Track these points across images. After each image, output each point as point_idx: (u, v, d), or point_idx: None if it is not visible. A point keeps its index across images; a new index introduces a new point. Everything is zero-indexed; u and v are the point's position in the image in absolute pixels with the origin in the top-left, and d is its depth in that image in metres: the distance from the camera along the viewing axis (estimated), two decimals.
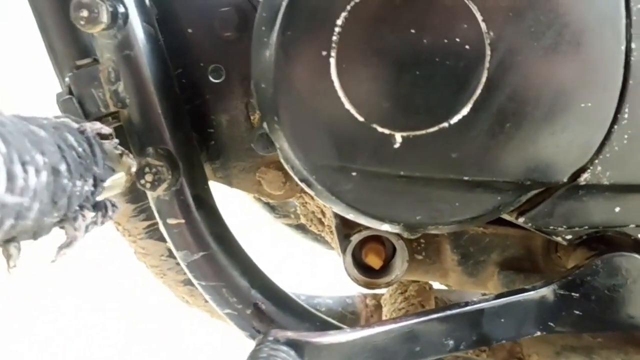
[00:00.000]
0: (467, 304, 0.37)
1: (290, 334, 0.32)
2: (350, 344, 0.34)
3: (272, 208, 0.77)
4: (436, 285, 0.63)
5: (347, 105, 0.33)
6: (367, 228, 0.46)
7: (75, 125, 0.34)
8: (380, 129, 0.33)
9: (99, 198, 0.38)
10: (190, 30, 0.47)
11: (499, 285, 0.48)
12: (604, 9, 0.32)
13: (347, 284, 0.50)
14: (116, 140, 0.46)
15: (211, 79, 0.48)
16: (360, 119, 0.33)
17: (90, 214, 0.35)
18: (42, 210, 0.27)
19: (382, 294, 0.65)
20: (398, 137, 0.33)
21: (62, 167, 0.29)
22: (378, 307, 0.66)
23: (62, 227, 0.33)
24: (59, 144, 0.30)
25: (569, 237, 0.39)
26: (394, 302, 0.57)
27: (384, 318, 0.60)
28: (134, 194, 0.53)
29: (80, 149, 0.32)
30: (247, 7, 0.46)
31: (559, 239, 0.39)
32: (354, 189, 0.35)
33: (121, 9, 0.40)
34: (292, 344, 0.31)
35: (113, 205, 0.39)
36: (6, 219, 0.25)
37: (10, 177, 0.24)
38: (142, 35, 0.42)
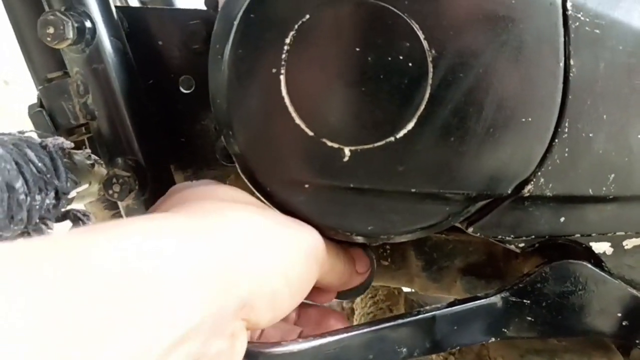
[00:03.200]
0: (418, 312, 0.38)
1: None
2: (302, 353, 0.35)
3: None
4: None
5: (298, 121, 0.34)
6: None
7: (38, 140, 0.35)
8: (329, 143, 0.35)
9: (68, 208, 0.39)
10: (160, 43, 0.49)
11: (461, 290, 0.49)
12: (542, 27, 0.33)
13: None
14: (88, 151, 0.47)
15: (182, 89, 0.49)
16: (310, 133, 0.34)
17: (53, 225, 0.36)
18: None
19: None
20: (347, 151, 0.35)
21: (18, 184, 0.30)
22: (354, 310, 0.67)
23: None
24: (17, 160, 0.31)
25: (521, 245, 0.40)
26: (364, 306, 0.59)
27: (355, 322, 0.61)
28: (111, 201, 0.55)
29: (40, 164, 0.33)
30: (215, 20, 0.47)
31: (512, 247, 0.40)
32: (308, 201, 0.36)
33: (88, 24, 0.42)
34: (246, 355, 0.32)
35: (85, 215, 0.40)
36: None
37: None
38: (110, 50, 0.43)
